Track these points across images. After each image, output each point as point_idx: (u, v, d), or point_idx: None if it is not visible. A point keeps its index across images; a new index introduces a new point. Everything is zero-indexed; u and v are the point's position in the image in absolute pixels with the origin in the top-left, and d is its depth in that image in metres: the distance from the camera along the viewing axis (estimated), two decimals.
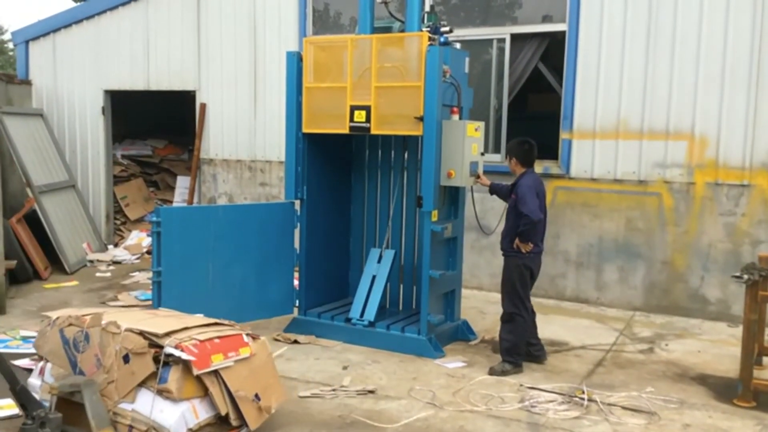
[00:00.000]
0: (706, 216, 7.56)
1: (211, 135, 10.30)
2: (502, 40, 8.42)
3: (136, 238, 10.82)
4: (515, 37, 8.44)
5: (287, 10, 9.61)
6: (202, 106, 10.27)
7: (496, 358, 6.09)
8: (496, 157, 8.42)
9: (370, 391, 5.43)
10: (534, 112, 10.44)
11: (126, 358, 4.28)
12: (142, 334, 4.32)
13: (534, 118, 9.68)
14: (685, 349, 6.64)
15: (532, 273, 6.02)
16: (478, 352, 6.48)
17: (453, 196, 6.61)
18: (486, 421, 4.97)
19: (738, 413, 5.18)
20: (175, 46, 10.37)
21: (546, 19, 8.38)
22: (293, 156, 6.65)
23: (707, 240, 7.58)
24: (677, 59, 7.53)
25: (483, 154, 6.47)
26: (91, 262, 9.96)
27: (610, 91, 7.87)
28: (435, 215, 6.21)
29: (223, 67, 10.09)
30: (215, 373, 4.32)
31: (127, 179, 11.76)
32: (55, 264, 9.35)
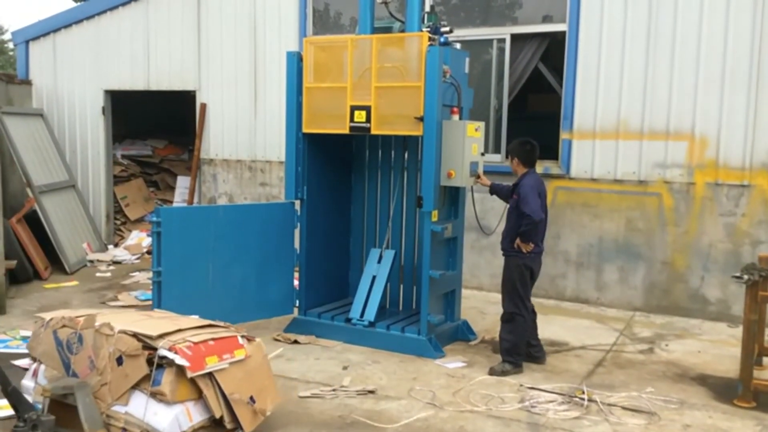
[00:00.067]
0: (707, 216, 7.56)
1: (211, 135, 10.31)
2: (503, 41, 8.42)
3: (136, 238, 10.83)
4: (515, 38, 8.44)
5: (287, 10, 9.61)
6: (203, 106, 10.27)
7: (496, 358, 6.10)
8: (496, 158, 8.42)
9: (370, 392, 5.43)
10: (534, 113, 10.44)
11: (119, 360, 4.24)
12: (135, 336, 4.28)
13: (534, 118, 9.68)
14: (685, 350, 6.64)
15: (533, 273, 6.03)
16: (478, 352, 6.48)
17: (453, 197, 6.61)
18: (486, 421, 4.97)
19: (738, 413, 5.18)
20: (176, 46, 10.37)
21: (546, 19, 8.38)
22: (293, 156, 6.65)
23: (707, 240, 7.58)
24: (677, 59, 7.53)
25: (483, 154, 6.47)
26: (91, 262, 9.96)
27: (610, 91, 7.87)
28: (435, 215, 6.21)
29: (224, 67, 10.09)
30: (209, 375, 4.28)
31: (127, 179, 11.76)
32: (55, 264, 9.35)
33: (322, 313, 6.86)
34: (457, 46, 6.54)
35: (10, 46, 28.02)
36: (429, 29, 6.28)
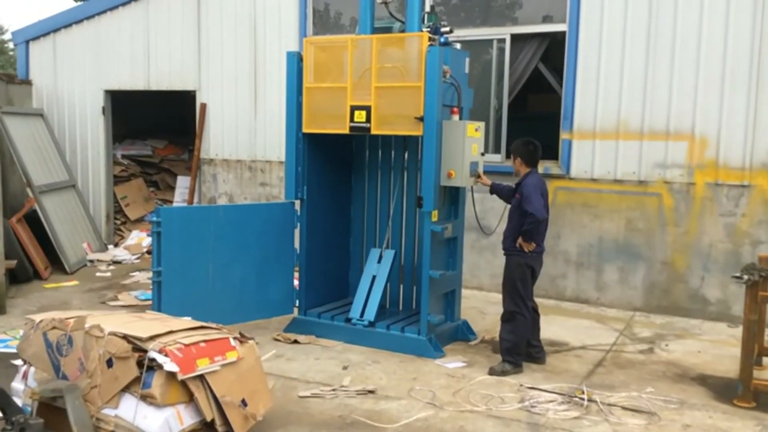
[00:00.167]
0: (707, 216, 7.56)
1: (211, 135, 10.31)
2: (503, 41, 8.42)
3: (136, 238, 10.83)
4: (515, 38, 8.44)
5: (287, 10, 9.61)
6: (203, 106, 10.28)
7: (496, 358, 6.10)
8: (496, 158, 8.42)
9: (370, 391, 5.43)
10: (534, 113, 10.44)
11: (109, 363, 4.18)
12: (125, 337, 4.21)
13: (534, 118, 9.68)
14: (685, 350, 6.64)
15: (534, 272, 6.04)
16: (478, 352, 6.48)
17: (453, 197, 6.61)
18: (486, 421, 4.97)
19: (738, 414, 5.18)
20: (176, 46, 10.37)
21: (546, 19, 8.38)
22: (293, 156, 6.66)
23: (707, 240, 7.58)
24: (677, 60, 7.53)
25: (483, 154, 6.47)
26: (91, 261, 9.96)
27: (610, 91, 7.87)
28: (435, 215, 6.21)
29: (224, 67, 10.09)
30: (201, 377, 4.21)
31: (127, 179, 11.76)
32: (56, 264, 9.35)
33: (322, 313, 6.87)
34: (457, 46, 6.54)
35: (11, 46, 28.03)
36: (429, 29, 6.28)
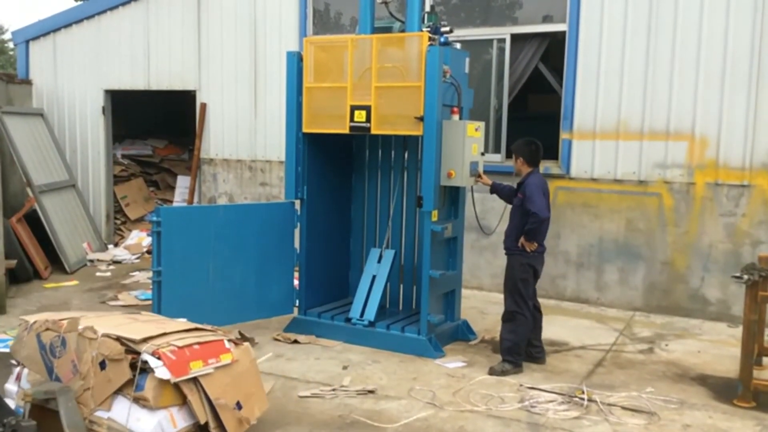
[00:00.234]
0: (707, 216, 7.56)
1: (211, 135, 10.31)
2: (503, 41, 8.42)
3: (136, 238, 10.83)
4: (515, 38, 8.44)
5: (288, 10, 9.61)
6: (203, 105, 10.28)
7: (496, 358, 6.10)
8: (496, 157, 8.42)
9: (370, 391, 5.43)
10: (534, 113, 10.44)
11: (102, 365, 4.13)
12: (119, 339, 4.17)
13: (534, 118, 9.67)
14: (685, 350, 6.64)
15: (536, 272, 6.05)
16: (478, 352, 6.48)
17: (453, 196, 6.61)
18: (486, 421, 4.98)
19: (738, 413, 5.18)
20: (176, 46, 10.37)
21: (546, 19, 8.38)
22: (293, 156, 6.65)
23: (707, 240, 7.58)
24: (677, 60, 7.53)
25: (483, 154, 6.47)
26: (91, 261, 9.96)
27: (610, 91, 7.87)
28: (435, 215, 6.21)
29: (224, 67, 10.09)
30: (194, 380, 4.17)
31: (127, 179, 11.76)
32: (55, 264, 9.35)
33: (322, 312, 6.87)
34: (457, 46, 6.54)
35: (11, 45, 28.02)
36: (429, 29, 6.27)
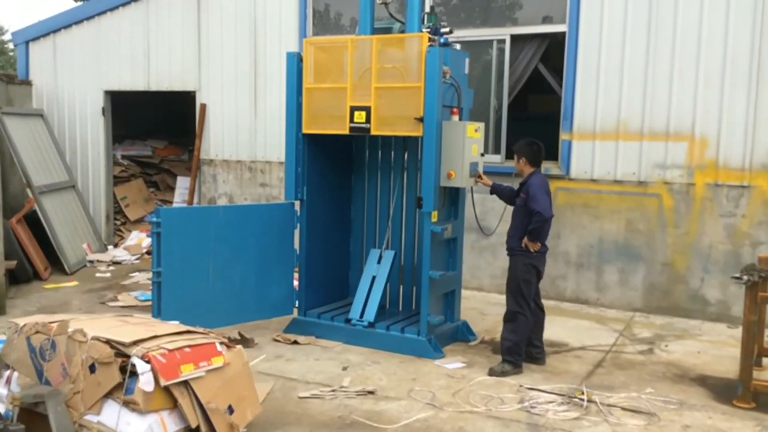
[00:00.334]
0: (706, 217, 7.56)
1: (211, 135, 10.31)
2: (502, 41, 8.42)
3: (136, 239, 10.83)
4: (515, 38, 8.44)
5: (287, 10, 9.61)
6: (203, 106, 10.28)
7: (496, 359, 6.10)
8: (496, 158, 8.42)
9: (370, 392, 5.43)
10: (534, 113, 10.44)
11: (92, 368, 4.07)
12: (108, 342, 4.11)
13: (534, 118, 9.67)
14: (684, 350, 6.64)
15: (539, 272, 6.05)
16: (478, 352, 6.48)
17: (453, 197, 6.61)
18: (486, 421, 4.97)
19: (738, 414, 5.18)
20: (176, 47, 10.37)
21: (546, 20, 8.38)
22: (293, 156, 6.65)
23: (707, 241, 7.58)
24: (677, 60, 7.53)
25: (483, 154, 6.47)
26: (91, 262, 9.96)
27: (610, 92, 7.87)
28: (435, 216, 6.21)
29: (224, 67, 10.09)
30: (185, 383, 4.11)
31: (127, 180, 11.76)
32: (55, 264, 9.35)
33: (321, 313, 6.87)
34: (457, 46, 6.54)
35: (11, 46, 28.04)
36: (429, 30, 6.27)
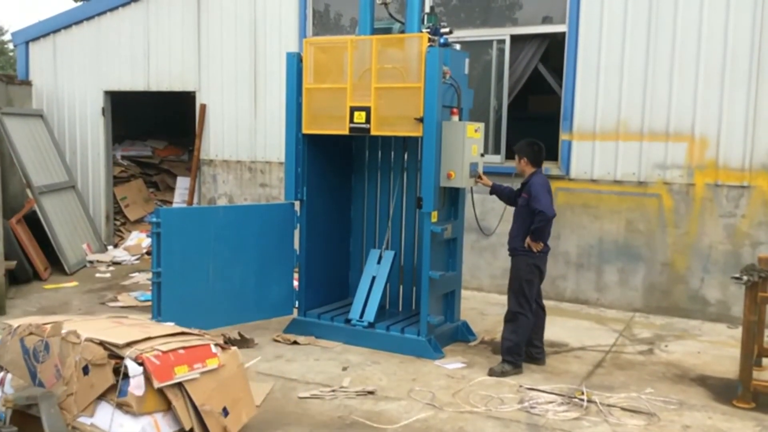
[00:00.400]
0: (706, 217, 7.56)
1: (211, 136, 10.31)
2: (502, 41, 8.42)
3: (136, 239, 10.83)
4: (515, 38, 8.44)
5: (287, 11, 9.62)
6: (202, 106, 10.28)
7: (496, 359, 6.10)
8: (496, 158, 8.43)
9: (370, 392, 5.43)
10: (534, 113, 10.44)
11: (86, 370, 4.05)
12: (102, 344, 4.09)
13: (534, 119, 9.68)
14: (684, 351, 6.64)
15: (541, 272, 6.06)
16: (478, 353, 6.48)
17: (453, 197, 6.61)
18: (486, 422, 4.97)
19: (737, 414, 5.18)
20: (176, 47, 10.37)
21: (546, 20, 8.38)
22: (293, 157, 6.65)
23: (707, 241, 7.58)
24: (677, 61, 7.53)
25: (483, 155, 6.47)
26: (90, 262, 9.96)
27: (610, 92, 7.87)
28: (435, 216, 6.21)
29: (224, 68, 10.09)
30: (179, 385, 4.09)
31: (127, 180, 11.76)
32: (55, 265, 9.35)
33: (321, 313, 6.86)
34: (457, 47, 6.54)
35: (10, 46, 28.04)
36: (429, 30, 6.27)
